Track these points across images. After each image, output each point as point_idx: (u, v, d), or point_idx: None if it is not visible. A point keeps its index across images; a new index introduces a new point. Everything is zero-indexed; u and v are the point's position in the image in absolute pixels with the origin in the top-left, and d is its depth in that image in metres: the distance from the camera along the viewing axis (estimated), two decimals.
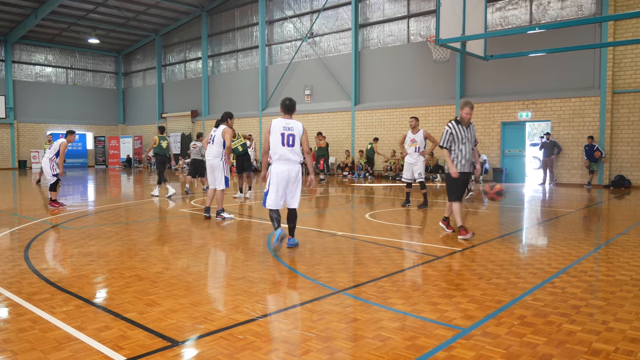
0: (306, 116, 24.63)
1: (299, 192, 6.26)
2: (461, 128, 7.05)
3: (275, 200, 6.12)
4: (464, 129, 7.06)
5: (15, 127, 31.20)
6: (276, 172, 6.08)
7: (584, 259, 5.81)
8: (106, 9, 27.62)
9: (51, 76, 33.55)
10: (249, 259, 5.94)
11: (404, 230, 8.04)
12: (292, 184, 6.17)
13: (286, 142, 6.03)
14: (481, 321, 3.72)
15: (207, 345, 3.29)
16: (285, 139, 6.03)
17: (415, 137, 10.55)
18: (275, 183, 6.09)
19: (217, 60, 29.61)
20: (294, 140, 6.08)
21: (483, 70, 18.69)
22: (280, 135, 6.02)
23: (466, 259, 5.81)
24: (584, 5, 16.74)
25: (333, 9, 23.73)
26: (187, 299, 4.29)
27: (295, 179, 6.16)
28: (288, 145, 6.04)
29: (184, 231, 7.85)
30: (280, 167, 6.07)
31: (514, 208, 11.30)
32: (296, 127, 6.13)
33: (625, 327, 3.61)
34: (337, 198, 13.68)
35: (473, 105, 7.18)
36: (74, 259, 5.87)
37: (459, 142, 7.06)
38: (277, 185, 6.09)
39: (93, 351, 3.19)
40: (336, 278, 4.95)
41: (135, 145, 33.86)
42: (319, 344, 3.31)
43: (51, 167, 10.79)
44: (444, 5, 12.00)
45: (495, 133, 18.68)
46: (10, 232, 7.76)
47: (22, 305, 4.11)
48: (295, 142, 6.10)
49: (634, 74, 15.82)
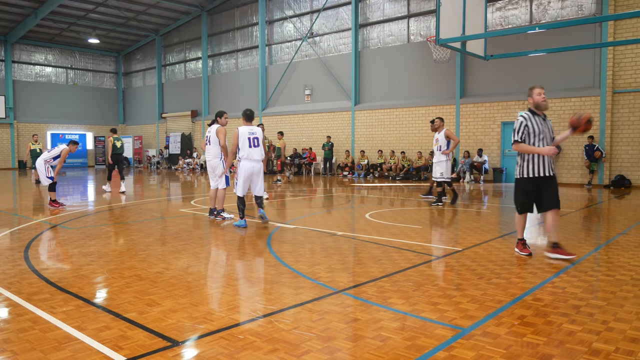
0: (306, 116, 24.64)
1: (261, 182, 8.08)
2: (538, 120, 5.67)
3: (243, 188, 8.02)
4: (540, 121, 5.68)
5: (15, 127, 31.21)
6: (244, 167, 7.88)
7: (584, 259, 5.81)
8: (106, 9, 27.62)
9: (51, 76, 33.55)
10: (249, 259, 5.94)
11: (404, 230, 8.04)
12: (256, 176, 8.00)
13: (252, 144, 7.81)
14: (481, 321, 3.72)
15: (207, 345, 3.29)
16: (251, 142, 7.81)
17: (438, 137, 10.84)
18: (242, 176, 7.93)
19: (217, 60, 29.62)
20: (258, 142, 7.88)
21: (483, 70, 18.70)
22: (247, 140, 7.78)
23: (466, 259, 5.81)
24: (584, 5, 16.74)
25: (333, 9, 23.73)
26: (187, 299, 4.29)
27: (258, 172, 7.97)
28: (254, 146, 7.82)
29: (184, 231, 7.85)
30: (247, 164, 7.88)
31: (514, 208, 11.28)
32: (258, 132, 7.94)
33: (625, 327, 3.61)
34: (337, 198, 13.68)
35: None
36: (74, 259, 5.87)
37: (535, 138, 5.63)
38: (244, 178, 7.94)
39: (93, 351, 3.19)
40: (336, 278, 4.95)
41: (135, 145, 33.86)
42: (319, 344, 3.31)
43: (46, 169, 10.60)
44: (444, 5, 12.00)
45: (495, 133, 18.68)
46: (10, 232, 7.76)
47: (22, 305, 4.11)
48: (259, 144, 7.89)
49: (634, 73, 15.82)
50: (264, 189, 8.22)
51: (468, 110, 19.29)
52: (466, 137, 19.31)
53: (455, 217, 9.66)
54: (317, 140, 24.03)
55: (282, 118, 25.59)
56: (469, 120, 19.20)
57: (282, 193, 14.30)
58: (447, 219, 9.37)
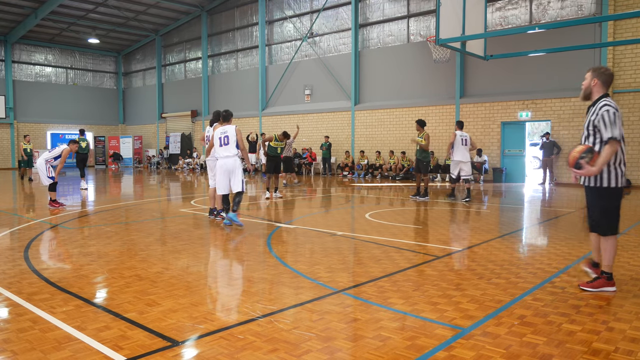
0: (306, 116, 24.64)
1: (238, 179, 7.99)
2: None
3: (222, 186, 8.09)
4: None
5: (15, 127, 31.20)
6: (219, 165, 8.08)
7: (584, 258, 5.81)
8: (106, 9, 27.61)
9: (51, 76, 33.54)
10: (249, 259, 5.94)
11: (404, 230, 8.04)
12: (232, 173, 8.01)
13: (222, 143, 8.00)
14: (481, 321, 3.72)
15: (207, 345, 3.29)
16: (221, 141, 8.00)
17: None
18: (220, 174, 8.08)
19: (217, 60, 29.61)
20: (228, 139, 7.97)
21: (483, 70, 18.69)
22: (219, 139, 8.02)
23: (466, 259, 5.81)
24: (584, 5, 16.74)
25: (333, 9, 23.72)
26: (187, 299, 4.29)
27: (232, 169, 7.98)
28: (224, 144, 7.99)
29: (184, 231, 7.85)
30: (220, 162, 8.08)
31: (514, 208, 11.30)
32: (229, 130, 8.01)
33: (625, 327, 3.61)
34: (337, 198, 13.68)
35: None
36: (74, 259, 5.87)
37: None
38: (221, 175, 8.07)
39: (93, 351, 3.19)
40: (336, 278, 4.95)
41: (135, 145, 33.85)
42: (319, 344, 3.31)
43: (47, 169, 10.57)
44: (444, 5, 12.00)
45: (495, 133, 18.68)
46: (10, 232, 7.76)
47: (22, 305, 4.11)
48: (230, 142, 7.96)
49: (634, 73, 15.83)
50: (242, 185, 8.05)
51: (468, 110, 19.29)
52: None
53: (455, 217, 9.66)
54: (317, 140, 24.02)
55: (282, 118, 25.58)
56: (468, 120, 19.19)
57: (282, 193, 14.31)
58: (447, 219, 9.37)
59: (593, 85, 4.40)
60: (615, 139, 4.22)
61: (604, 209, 4.41)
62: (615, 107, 4.28)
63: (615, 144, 4.21)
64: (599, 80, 4.37)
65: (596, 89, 4.41)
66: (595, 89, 4.41)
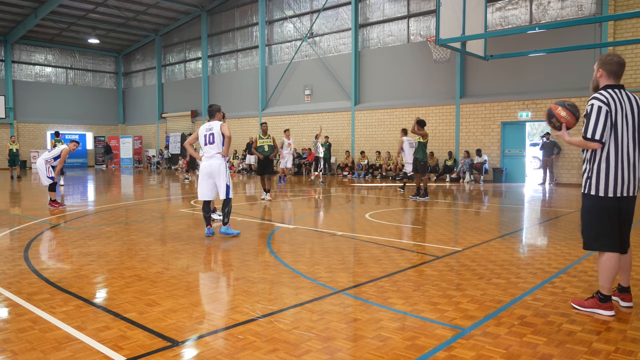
0: (306, 116, 24.63)
1: (223, 184, 7.17)
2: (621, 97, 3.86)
3: (202, 191, 7.27)
4: (624, 100, 3.85)
5: (15, 127, 31.20)
6: (202, 167, 7.28)
7: (584, 259, 5.81)
8: (106, 9, 27.62)
9: (51, 76, 33.54)
10: (249, 259, 5.94)
11: (404, 230, 8.04)
12: (216, 177, 7.18)
13: (208, 141, 7.22)
14: (481, 321, 3.72)
15: (207, 345, 3.29)
16: (206, 139, 7.23)
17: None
18: (202, 177, 7.27)
19: (217, 60, 29.61)
20: (214, 137, 7.19)
21: (483, 70, 18.69)
22: (204, 137, 7.26)
23: (466, 259, 5.81)
24: (584, 5, 16.74)
25: (333, 9, 23.72)
26: (187, 299, 4.29)
27: (217, 171, 7.14)
28: (209, 143, 7.22)
29: (184, 231, 7.85)
30: (203, 163, 7.27)
31: (514, 208, 11.30)
32: (214, 126, 7.23)
33: (625, 327, 3.61)
34: (337, 198, 13.68)
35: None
36: (74, 259, 5.87)
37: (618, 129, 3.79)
38: (203, 179, 7.26)
39: (93, 351, 3.19)
40: (336, 278, 4.95)
41: (135, 146, 33.85)
42: (319, 344, 3.31)
43: (47, 169, 10.59)
44: (444, 5, 11.99)
45: (495, 133, 18.67)
46: (10, 232, 7.76)
47: (22, 305, 4.11)
48: (215, 139, 7.17)
49: (634, 73, 15.82)
50: (227, 191, 7.23)
51: (468, 110, 19.29)
52: (466, 137, 19.31)
53: (455, 217, 9.66)
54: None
55: (282, 118, 25.58)
56: (468, 120, 19.20)
57: (283, 193, 14.30)
58: (447, 219, 9.37)
59: (599, 76, 4.04)
60: (591, 140, 3.73)
61: (584, 218, 3.96)
62: (605, 102, 3.78)
63: (589, 143, 3.76)
64: (603, 71, 3.97)
65: (602, 80, 4.01)
66: (601, 80, 4.02)
